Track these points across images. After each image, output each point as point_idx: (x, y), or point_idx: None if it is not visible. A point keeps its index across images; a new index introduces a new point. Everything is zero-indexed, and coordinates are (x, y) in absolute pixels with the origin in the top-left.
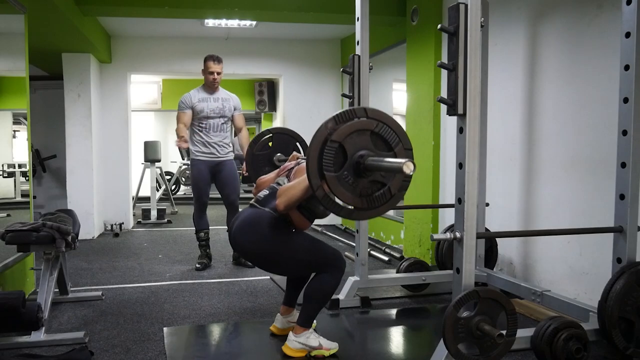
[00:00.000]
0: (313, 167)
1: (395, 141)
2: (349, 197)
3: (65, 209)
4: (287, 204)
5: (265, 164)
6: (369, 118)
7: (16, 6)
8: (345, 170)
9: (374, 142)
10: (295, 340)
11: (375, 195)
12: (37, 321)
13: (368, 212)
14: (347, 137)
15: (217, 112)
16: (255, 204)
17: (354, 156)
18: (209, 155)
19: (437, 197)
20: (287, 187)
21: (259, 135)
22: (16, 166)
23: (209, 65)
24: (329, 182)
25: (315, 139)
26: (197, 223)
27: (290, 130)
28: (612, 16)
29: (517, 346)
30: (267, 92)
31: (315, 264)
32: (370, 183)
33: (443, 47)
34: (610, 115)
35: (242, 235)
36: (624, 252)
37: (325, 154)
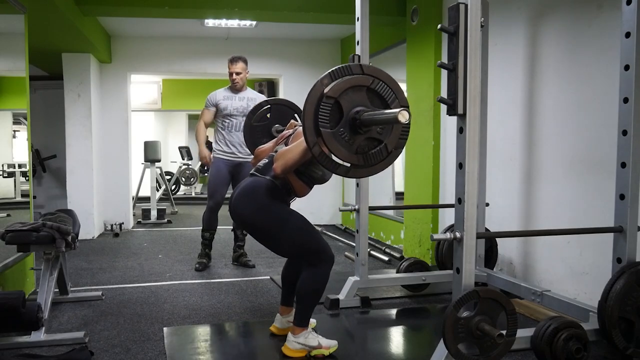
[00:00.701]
0: (309, 124)
1: (392, 97)
2: (346, 154)
3: (65, 209)
4: (285, 166)
5: (263, 135)
6: (364, 74)
7: (16, 6)
8: (342, 126)
9: (370, 99)
10: (294, 340)
11: (372, 153)
12: (37, 321)
13: (365, 169)
14: (343, 93)
15: (241, 111)
16: (255, 172)
17: (350, 112)
18: (230, 154)
19: (437, 197)
20: (284, 151)
21: (256, 106)
22: (16, 166)
23: (228, 66)
24: (325, 138)
25: (310, 95)
26: (206, 222)
27: (288, 101)
28: (612, 16)
29: (517, 346)
30: (267, 92)
31: (304, 248)
32: (367, 140)
33: (443, 47)
34: (610, 115)
35: (241, 203)
36: (624, 252)
37: (321, 110)
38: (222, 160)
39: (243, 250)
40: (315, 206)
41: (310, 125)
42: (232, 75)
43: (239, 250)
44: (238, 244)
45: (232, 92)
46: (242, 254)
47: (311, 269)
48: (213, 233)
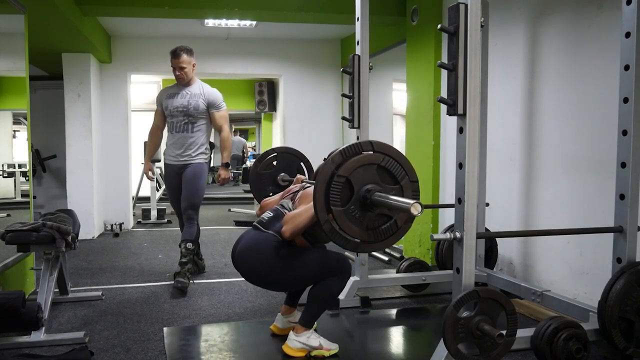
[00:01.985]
0: (320, 202)
1: (402, 174)
2: (356, 231)
3: (65, 209)
4: (294, 231)
5: (269, 183)
6: (375, 152)
7: (16, 6)
8: (352, 204)
9: (380, 176)
10: (295, 339)
11: (382, 229)
12: (37, 321)
13: (374, 244)
14: (354, 172)
15: (181, 110)
16: (259, 225)
17: (361, 190)
18: (172, 158)
19: (437, 197)
20: (293, 215)
21: (263, 154)
22: (16, 166)
23: (170, 60)
24: (337, 216)
25: (322, 174)
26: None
27: (295, 150)
28: (612, 16)
29: (517, 346)
30: (267, 92)
31: (323, 274)
32: (377, 216)
33: (443, 47)
34: (610, 115)
35: (245, 259)
36: (624, 252)
37: (333, 188)
38: (168, 166)
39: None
40: None
41: (321, 203)
42: (174, 70)
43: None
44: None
45: (178, 88)
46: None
47: (332, 277)
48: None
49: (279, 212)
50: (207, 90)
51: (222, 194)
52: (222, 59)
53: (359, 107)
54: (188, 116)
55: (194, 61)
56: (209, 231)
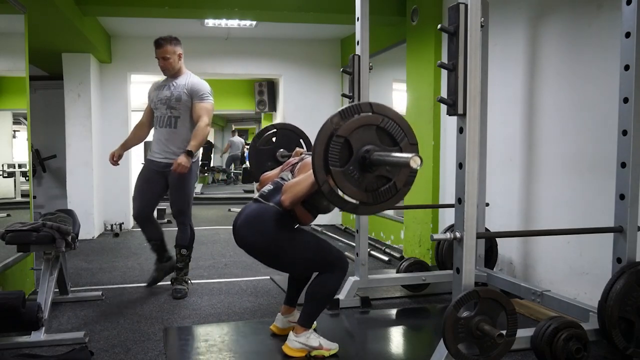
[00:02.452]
0: (319, 162)
1: (401, 136)
2: (355, 192)
3: (65, 209)
4: (293, 199)
5: (268, 159)
6: (374, 113)
7: (16, 6)
8: (351, 165)
9: (379, 137)
10: (295, 340)
11: (381, 190)
12: (37, 321)
13: (373, 206)
14: (353, 132)
15: (164, 102)
16: (260, 198)
17: (360, 151)
18: (156, 154)
19: (437, 197)
20: (292, 183)
21: (262, 130)
22: (16, 166)
23: (155, 52)
24: (335, 176)
25: (321, 134)
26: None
27: (294, 126)
28: (612, 16)
29: (517, 346)
30: (267, 92)
31: (319, 264)
32: (376, 178)
33: (443, 47)
34: (610, 115)
35: (247, 230)
36: (624, 252)
37: (331, 148)
38: (152, 163)
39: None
40: None
41: (320, 164)
42: (159, 61)
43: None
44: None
45: (166, 81)
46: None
47: (327, 274)
48: (156, 244)
49: (280, 185)
50: (192, 81)
51: (222, 194)
52: (222, 59)
53: None
54: (171, 109)
55: (180, 51)
56: (209, 231)
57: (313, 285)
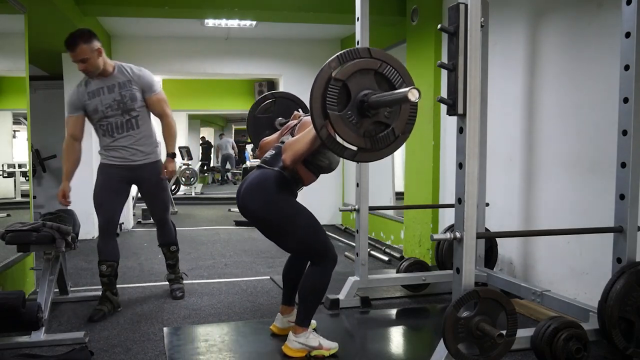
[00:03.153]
0: (317, 107)
1: (399, 81)
2: (353, 137)
3: (65, 209)
4: (294, 157)
5: (266, 128)
6: (372, 58)
7: (16, 6)
8: (349, 109)
9: (377, 82)
10: (295, 340)
11: (379, 136)
12: (37, 321)
13: (372, 153)
14: (351, 76)
15: (115, 107)
16: (263, 164)
17: (358, 95)
18: (118, 160)
19: (437, 197)
20: (292, 141)
21: (261, 98)
22: (16, 166)
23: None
24: (333, 121)
25: (318, 78)
26: (100, 249)
27: (293, 95)
28: (612, 16)
29: (517, 346)
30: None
31: (313, 246)
32: (375, 124)
33: (443, 47)
34: (610, 115)
35: (250, 197)
36: (624, 252)
37: (329, 92)
38: (111, 166)
39: (174, 273)
40: (315, 206)
41: (318, 108)
42: (77, 65)
43: (170, 273)
44: (168, 262)
45: (98, 83)
46: (172, 280)
47: (314, 268)
48: (112, 265)
49: (280, 148)
50: (137, 74)
51: (222, 194)
52: (222, 59)
53: None
54: (128, 111)
55: (98, 45)
56: (209, 231)
57: (304, 284)
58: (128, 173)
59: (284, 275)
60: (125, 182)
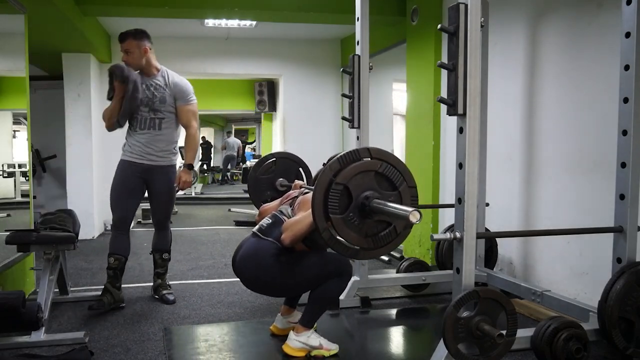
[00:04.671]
0: (319, 210)
1: (400, 180)
2: (355, 238)
3: (65, 209)
4: (293, 238)
5: (267, 188)
6: (372, 158)
7: (16, 6)
8: (351, 211)
9: (378, 182)
10: (296, 339)
11: (381, 235)
12: (37, 321)
13: (374, 251)
14: (352, 179)
15: (145, 104)
16: (258, 233)
17: (359, 197)
18: (136, 157)
19: (437, 197)
20: (292, 223)
21: (262, 159)
22: (16, 166)
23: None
24: (335, 224)
25: (320, 182)
26: (111, 243)
27: (294, 155)
28: (612, 16)
29: (517, 346)
30: (267, 92)
31: (326, 276)
32: (376, 223)
33: (443, 47)
34: (610, 115)
35: (247, 267)
36: (624, 252)
37: (331, 196)
38: (131, 164)
39: (162, 280)
40: None
41: (320, 211)
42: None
43: (158, 280)
44: (157, 271)
45: (142, 79)
46: (160, 285)
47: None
48: (120, 259)
49: (278, 219)
50: (174, 80)
51: (222, 194)
52: (222, 59)
53: (359, 107)
54: (154, 111)
55: (145, 46)
56: (209, 231)
57: (318, 289)
58: (142, 172)
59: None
60: (140, 181)
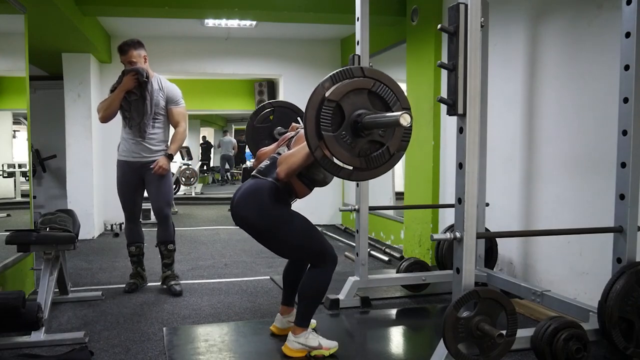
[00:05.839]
0: (311, 128)
1: (393, 100)
2: (348, 157)
3: (65, 209)
4: (288, 171)
5: (265, 137)
6: (366, 77)
7: (16, 6)
8: (344, 129)
9: (371, 102)
10: (294, 340)
11: (374, 155)
12: (37, 321)
13: (367, 172)
14: (345, 96)
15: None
16: (257, 174)
17: (352, 115)
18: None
19: (437, 197)
20: (287, 155)
21: (260, 107)
22: (16, 166)
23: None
24: (327, 142)
25: (312, 99)
26: (126, 234)
27: (291, 104)
28: (612, 16)
29: (517, 346)
30: (267, 92)
31: (310, 250)
32: (369, 143)
33: (443, 47)
34: (610, 115)
35: (244, 206)
36: (624, 252)
37: (323, 113)
38: (127, 164)
39: (170, 271)
40: (315, 206)
41: (312, 129)
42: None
43: (166, 271)
44: (164, 262)
45: None
46: (168, 276)
47: (314, 269)
48: (139, 246)
49: (276, 159)
50: (166, 85)
51: (222, 194)
52: (222, 59)
53: None
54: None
55: (145, 53)
56: (209, 231)
57: (304, 284)
58: (138, 169)
59: (285, 275)
60: (138, 177)
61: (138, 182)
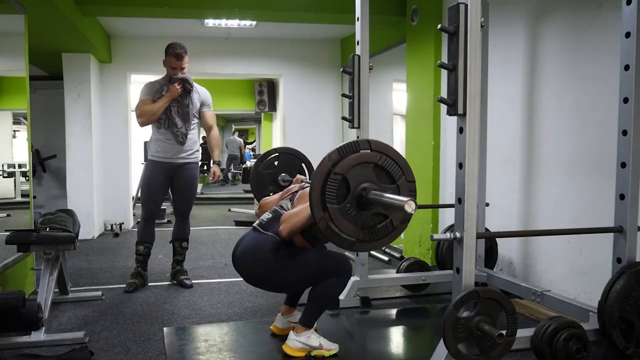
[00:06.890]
0: (316, 199)
1: (398, 174)
2: (352, 230)
3: (65, 209)
4: (290, 231)
5: (269, 183)
6: (372, 150)
7: (16, 6)
8: (348, 202)
9: (377, 175)
10: (296, 339)
11: (378, 228)
12: (37, 321)
13: (369, 244)
14: (351, 170)
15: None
16: (258, 227)
17: (357, 189)
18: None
19: (437, 197)
20: (290, 214)
21: (265, 154)
22: (16, 166)
23: (172, 61)
24: (332, 214)
25: (318, 171)
26: (139, 233)
27: (296, 150)
28: (612, 16)
29: (517, 346)
30: (267, 92)
31: (325, 274)
32: (373, 215)
33: (443, 47)
34: (610, 115)
35: (246, 261)
36: (624, 252)
37: (329, 185)
38: (160, 164)
39: (181, 267)
40: None
41: (317, 200)
42: (174, 69)
43: (177, 267)
44: (176, 258)
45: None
46: (179, 271)
47: (332, 278)
48: (148, 247)
49: (278, 213)
50: (201, 89)
51: (222, 194)
52: (222, 59)
53: (359, 107)
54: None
55: None
56: (209, 231)
57: (317, 287)
58: (170, 170)
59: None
60: (167, 178)
61: (166, 182)
